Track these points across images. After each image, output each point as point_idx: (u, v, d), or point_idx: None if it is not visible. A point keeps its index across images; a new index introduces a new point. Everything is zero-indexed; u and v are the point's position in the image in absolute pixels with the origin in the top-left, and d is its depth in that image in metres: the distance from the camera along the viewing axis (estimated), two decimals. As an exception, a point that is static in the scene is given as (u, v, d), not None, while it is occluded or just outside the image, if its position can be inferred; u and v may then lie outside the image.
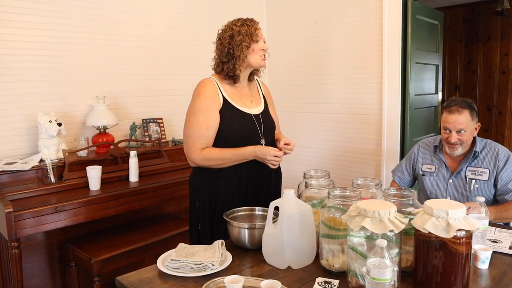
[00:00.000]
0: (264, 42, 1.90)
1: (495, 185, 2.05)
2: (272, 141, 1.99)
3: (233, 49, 1.82)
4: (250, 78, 2.00)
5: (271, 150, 1.79)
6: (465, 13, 5.21)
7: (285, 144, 1.90)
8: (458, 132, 2.04)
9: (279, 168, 2.04)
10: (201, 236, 1.95)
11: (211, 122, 1.81)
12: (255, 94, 2.01)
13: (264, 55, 1.88)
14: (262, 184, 1.95)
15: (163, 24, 3.31)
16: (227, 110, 1.85)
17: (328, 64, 3.64)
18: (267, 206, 1.67)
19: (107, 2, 2.96)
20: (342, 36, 3.50)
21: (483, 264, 1.44)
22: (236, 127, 1.84)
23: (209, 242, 1.73)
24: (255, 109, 1.94)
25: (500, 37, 4.96)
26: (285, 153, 1.90)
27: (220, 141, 1.85)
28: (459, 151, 2.08)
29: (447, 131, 2.08)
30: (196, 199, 1.95)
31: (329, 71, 3.64)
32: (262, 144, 1.89)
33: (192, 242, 2.01)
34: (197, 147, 1.82)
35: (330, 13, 3.56)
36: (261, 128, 1.90)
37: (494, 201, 2.08)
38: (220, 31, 1.91)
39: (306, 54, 3.80)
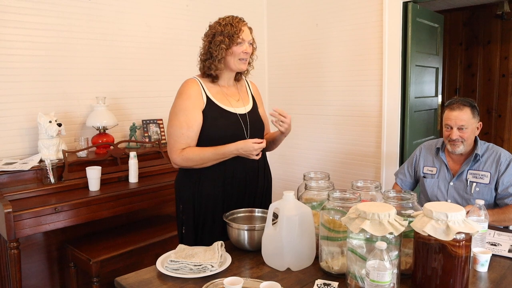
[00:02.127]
0: (251, 44, 1.86)
1: (495, 189, 2.05)
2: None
3: (212, 48, 1.79)
4: (237, 77, 1.97)
5: (253, 144, 1.70)
6: (465, 16, 5.22)
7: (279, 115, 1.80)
8: (460, 129, 2.05)
9: (266, 169, 1.99)
10: (184, 240, 1.89)
11: (192, 121, 1.77)
12: (243, 94, 1.96)
13: (246, 58, 1.84)
14: (248, 186, 1.89)
15: (163, 25, 3.31)
16: (211, 109, 1.81)
17: (328, 66, 3.64)
18: (255, 208, 1.69)
19: (107, 2, 2.97)
20: (342, 38, 3.50)
21: (482, 267, 1.44)
22: (220, 126, 1.80)
23: (191, 245, 1.70)
24: (242, 109, 1.89)
25: (500, 40, 4.96)
26: (280, 125, 1.82)
27: (204, 141, 1.81)
28: (461, 148, 2.08)
29: (449, 128, 2.09)
30: (179, 202, 1.91)
31: (329, 73, 3.64)
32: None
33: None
34: (177, 147, 1.78)
35: (330, 15, 3.57)
36: (247, 127, 1.85)
37: (495, 205, 2.08)
38: (208, 27, 1.88)
39: (306, 56, 3.80)
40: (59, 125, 2.54)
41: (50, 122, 2.51)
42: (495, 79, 5.04)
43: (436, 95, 3.75)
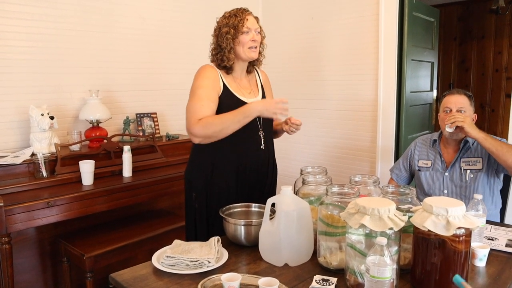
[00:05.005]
0: (259, 32, 1.89)
1: (493, 163, 2.03)
2: (270, 133, 2.01)
3: (220, 40, 1.84)
4: (249, 69, 2.00)
5: (276, 104, 1.73)
6: (460, 11, 5.22)
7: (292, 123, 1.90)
8: (459, 111, 2.07)
9: (275, 162, 2.06)
10: (197, 228, 1.94)
11: (212, 96, 1.79)
12: (253, 85, 2.01)
13: (256, 46, 1.87)
14: (260, 178, 1.94)
15: (158, 17, 3.26)
16: (226, 97, 1.84)
17: (323, 60, 3.62)
18: (263, 201, 1.65)
19: (101, -7, 2.92)
20: (338, 32, 3.48)
21: (481, 262, 1.43)
22: None
23: (205, 235, 1.74)
24: (253, 99, 1.92)
25: (494, 35, 4.97)
26: (291, 131, 1.92)
27: None
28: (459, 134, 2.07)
29: (448, 111, 2.11)
30: (192, 190, 1.95)
31: (324, 67, 3.62)
32: (261, 137, 1.90)
33: (188, 235, 2.01)
34: (196, 117, 1.75)
35: (326, 9, 3.54)
36: (260, 118, 1.88)
37: (491, 193, 2.08)
38: (216, 22, 1.93)
39: (301, 50, 3.78)
40: (52, 118, 2.49)
41: (42, 115, 2.47)
42: (488, 74, 5.06)
43: (432, 89, 3.75)
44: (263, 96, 2.02)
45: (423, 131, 3.55)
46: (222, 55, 1.84)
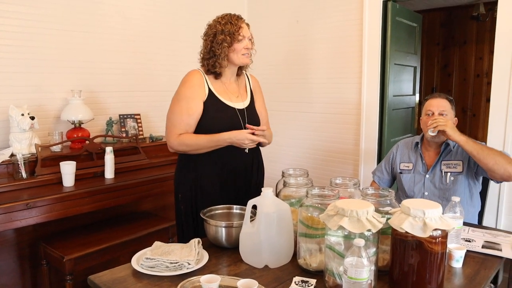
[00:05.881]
0: (250, 39, 1.93)
1: (474, 165, 2.06)
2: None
3: (215, 47, 1.85)
4: (238, 73, 2.03)
5: (247, 134, 1.79)
6: (443, 17, 5.31)
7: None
8: (441, 114, 2.11)
9: (260, 164, 2.08)
10: (184, 230, 1.98)
11: (193, 109, 1.85)
12: (242, 89, 2.03)
13: (248, 53, 1.91)
14: (244, 181, 1.97)
15: (142, 17, 3.24)
16: (211, 102, 1.88)
17: (308, 63, 3.64)
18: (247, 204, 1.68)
19: (84, -7, 2.89)
20: (323, 36, 3.51)
21: (457, 263, 1.46)
22: (219, 119, 1.87)
23: (191, 236, 1.75)
24: (240, 104, 1.96)
25: (475, 41, 5.07)
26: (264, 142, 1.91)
27: (202, 132, 1.87)
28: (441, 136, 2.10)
29: (430, 114, 2.14)
30: (178, 192, 1.99)
31: (309, 70, 3.65)
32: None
33: (178, 237, 2.04)
34: (176, 132, 1.86)
35: (311, 12, 3.57)
36: (245, 122, 1.91)
37: (470, 195, 2.12)
38: (207, 26, 1.93)
39: (286, 53, 3.80)
40: (32, 118, 2.45)
41: (23, 115, 2.43)
42: (470, 79, 5.16)
43: (414, 93, 3.80)
44: (252, 100, 2.03)
45: (406, 134, 3.60)
46: (215, 61, 1.87)
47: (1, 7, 2.51)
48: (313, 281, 1.31)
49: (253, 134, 1.82)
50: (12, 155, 2.41)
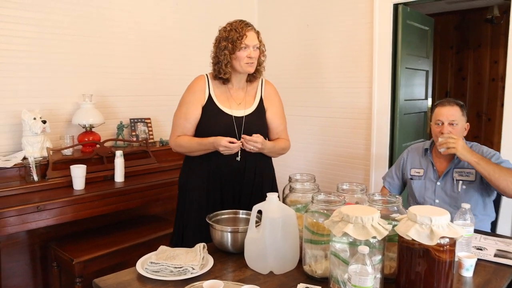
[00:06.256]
0: (258, 47, 1.91)
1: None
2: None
3: (218, 53, 1.89)
4: (251, 79, 2.01)
5: (224, 142, 1.78)
6: (456, 20, 5.24)
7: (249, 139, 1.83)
8: (451, 124, 2.06)
9: (258, 170, 1.99)
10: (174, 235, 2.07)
11: (190, 114, 1.93)
12: (249, 97, 2.01)
13: (252, 62, 1.90)
14: (235, 188, 1.95)
15: (153, 23, 3.27)
16: (209, 107, 1.93)
17: (318, 67, 3.63)
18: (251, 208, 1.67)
19: (96, -1, 2.93)
20: (333, 40, 3.49)
21: (467, 272, 1.43)
22: (213, 124, 1.90)
23: (180, 241, 1.92)
24: (241, 111, 1.95)
25: (490, 44, 4.99)
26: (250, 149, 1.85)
27: (200, 135, 1.94)
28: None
29: (440, 124, 2.09)
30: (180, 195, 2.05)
31: (319, 74, 3.63)
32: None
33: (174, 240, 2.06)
34: (175, 134, 1.98)
35: (321, 17, 3.56)
36: (240, 130, 1.90)
37: (484, 204, 2.07)
38: (218, 31, 1.95)
39: (296, 58, 3.79)
40: (44, 122, 2.49)
41: (35, 119, 2.47)
42: (485, 83, 5.07)
43: (426, 98, 3.75)
44: (258, 108, 2.00)
45: (418, 139, 3.55)
46: (219, 67, 1.90)
47: (15, 13, 2.56)
48: (317, 288, 1.30)
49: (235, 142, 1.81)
50: (24, 158, 2.45)
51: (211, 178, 1.93)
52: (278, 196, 1.49)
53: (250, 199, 1.95)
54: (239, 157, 1.88)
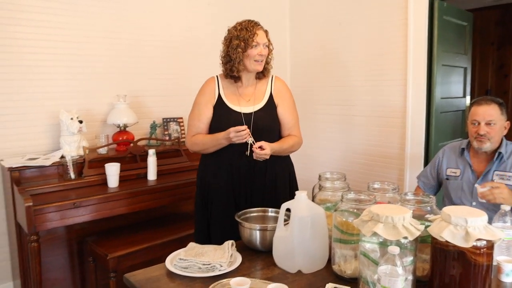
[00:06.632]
0: (267, 45, 1.96)
1: None
2: (265, 140, 1.93)
3: (230, 52, 1.93)
4: (260, 76, 2.04)
5: (232, 128, 1.82)
6: (497, 15, 5.02)
7: (259, 147, 1.85)
8: (488, 124, 1.97)
9: (269, 169, 1.99)
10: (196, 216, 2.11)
11: (202, 115, 2.02)
12: (258, 94, 2.04)
13: (262, 60, 1.95)
14: (245, 183, 1.97)
15: (185, 23, 3.32)
16: (219, 107, 2.00)
17: (351, 65, 3.57)
18: (260, 205, 1.79)
19: (129, 1, 3.00)
20: (366, 37, 3.42)
21: (507, 277, 1.35)
22: (223, 122, 1.95)
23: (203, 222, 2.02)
24: (250, 108, 1.99)
25: (535, 39, 4.75)
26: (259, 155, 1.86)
27: (212, 133, 1.99)
28: (487, 146, 1.99)
29: (476, 123, 2.01)
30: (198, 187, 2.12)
31: (351, 72, 3.57)
32: (248, 142, 1.89)
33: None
34: (190, 133, 2.07)
35: (353, 14, 3.49)
36: (249, 127, 1.92)
37: None
38: (227, 32, 1.99)
39: (328, 55, 3.74)
40: (80, 122, 2.58)
41: (72, 119, 2.56)
42: (528, 80, 4.83)
43: (464, 96, 3.61)
44: (268, 104, 2.02)
45: (455, 138, 3.42)
46: (232, 65, 1.94)
47: (52, 18, 2.67)
48: (347, 289, 1.27)
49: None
50: (62, 156, 2.54)
51: (224, 174, 1.97)
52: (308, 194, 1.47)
53: (263, 197, 1.97)
54: (249, 151, 1.90)
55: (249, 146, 1.88)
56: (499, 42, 5.04)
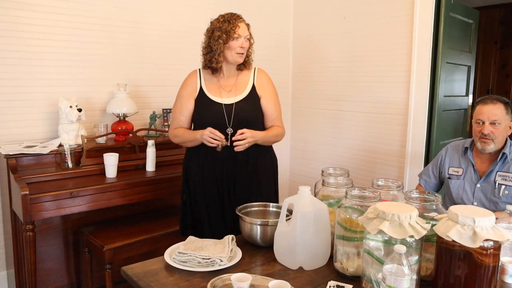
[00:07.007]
0: (248, 38, 1.99)
1: None
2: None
3: (212, 43, 1.96)
4: (241, 68, 2.07)
5: (206, 130, 1.89)
6: (502, 14, 4.98)
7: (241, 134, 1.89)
8: (492, 124, 1.94)
9: (251, 160, 2.01)
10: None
11: (183, 108, 2.06)
12: (240, 85, 2.06)
13: (243, 52, 1.98)
14: (223, 173, 1.99)
15: (187, 13, 3.27)
16: (201, 99, 2.03)
17: (354, 61, 3.53)
18: (244, 198, 1.82)
19: (132, -11, 2.95)
20: (370, 32, 3.38)
21: (511, 279, 1.33)
22: (205, 114, 2.00)
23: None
24: (231, 99, 2.01)
25: (539, 40, 4.72)
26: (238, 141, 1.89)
27: (195, 126, 2.07)
28: (491, 147, 1.96)
29: (480, 123, 1.98)
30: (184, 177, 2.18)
31: (354, 68, 3.53)
32: (228, 133, 1.94)
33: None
34: (172, 126, 2.12)
35: (358, 9, 3.45)
36: (230, 117, 1.96)
37: None
38: (209, 23, 2.03)
39: (332, 50, 3.70)
40: (79, 110, 2.54)
41: (71, 107, 2.51)
42: (531, 80, 4.81)
43: (467, 94, 3.59)
44: (250, 95, 2.04)
45: (457, 137, 3.40)
46: (212, 56, 1.97)
47: (52, 3, 2.61)
48: (349, 287, 1.25)
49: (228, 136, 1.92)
50: (60, 145, 2.50)
51: (206, 167, 2.01)
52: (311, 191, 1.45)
53: (246, 188, 2.01)
54: (220, 147, 1.92)
55: (229, 137, 1.92)
56: (502, 42, 5.01)
